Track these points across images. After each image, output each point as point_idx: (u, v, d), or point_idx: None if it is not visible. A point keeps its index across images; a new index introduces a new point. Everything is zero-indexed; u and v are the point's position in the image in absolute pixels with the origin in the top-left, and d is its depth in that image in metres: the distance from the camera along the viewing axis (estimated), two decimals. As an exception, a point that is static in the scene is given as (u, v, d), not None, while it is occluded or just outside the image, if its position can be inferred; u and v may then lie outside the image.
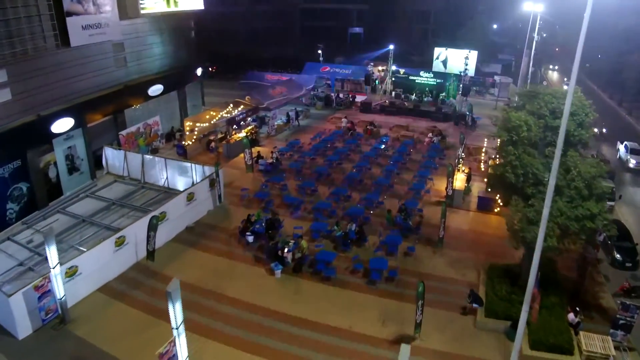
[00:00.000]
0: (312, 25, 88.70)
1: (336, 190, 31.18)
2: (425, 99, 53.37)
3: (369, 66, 54.34)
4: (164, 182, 32.16)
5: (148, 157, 33.12)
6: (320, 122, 48.29)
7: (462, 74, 52.84)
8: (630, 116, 56.53)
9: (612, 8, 56.49)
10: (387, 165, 35.78)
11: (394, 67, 55.20)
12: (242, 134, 40.60)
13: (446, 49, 59.10)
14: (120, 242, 23.80)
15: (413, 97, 53.98)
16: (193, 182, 30.71)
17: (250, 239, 26.14)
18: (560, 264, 23.29)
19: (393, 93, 55.23)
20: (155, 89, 38.67)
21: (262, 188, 32.20)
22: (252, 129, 41.83)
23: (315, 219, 28.29)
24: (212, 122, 39.91)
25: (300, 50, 72.68)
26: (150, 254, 23.83)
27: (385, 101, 53.29)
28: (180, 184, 31.61)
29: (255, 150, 37.42)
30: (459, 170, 30.99)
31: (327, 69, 58.78)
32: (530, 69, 59.57)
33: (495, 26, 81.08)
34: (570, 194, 19.23)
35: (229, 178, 33.91)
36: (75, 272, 21.67)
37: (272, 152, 36.79)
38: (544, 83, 60.02)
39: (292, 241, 24.77)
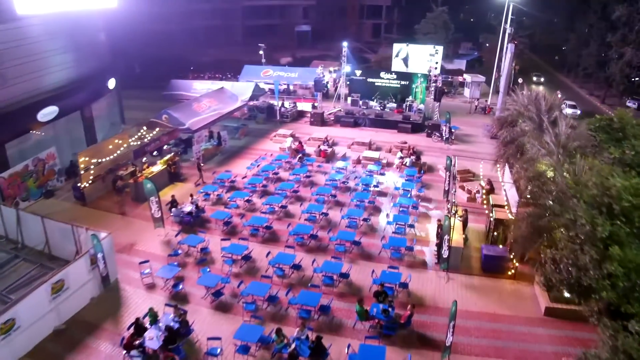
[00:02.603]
0: (256, 24, 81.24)
1: (278, 257, 21.11)
2: (388, 106, 44.01)
3: (319, 68, 44.55)
4: (45, 247, 22.52)
5: (23, 212, 23.32)
6: (261, 141, 38.24)
7: (431, 73, 43.76)
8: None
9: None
10: (349, 207, 26.08)
11: (348, 68, 45.54)
12: (158, 166, 30.23)
13: (407, 45, 50.64)
14: None
15: (374, 103, 44.55)
16: (77, 250, 21.26)
17: (138, 361, 16.01)
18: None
19: (349, 99, 45.59)
20: (48, 112, 28.85)
21: (172, 255, 22.02)
22: (170, 158, 31.35)
23: (247, 313, 18.33)
24: (115, 154, 29.35)
25: (243, 52, 63.81)
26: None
27: (340, 110, 43.72)
28: (65, 249, 22.01)
29: (165, 194, 27.21)
30: (454, 215, 21.44)
31: (268, 73, 48.67)
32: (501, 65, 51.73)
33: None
34: None
35: (131, 237, 24.15)
36: None
37: (191, 196, 26.53)
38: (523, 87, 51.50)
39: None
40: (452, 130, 37.86)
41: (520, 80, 47.76)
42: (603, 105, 52.66)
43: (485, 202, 26.23)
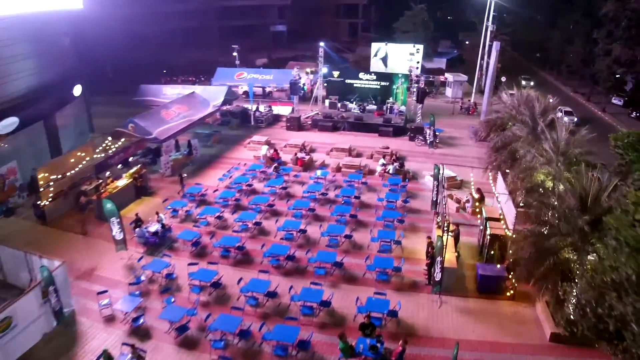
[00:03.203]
0: (232, 25, 78.86)
1: (251, 284, 18.77)
2: (368, 108, 41.99)
3: (295, 68, 42.25)
4: (-1, 275, 20.23)
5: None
6: (235, 148, 35.88)
7: (412, 73, 41.91)
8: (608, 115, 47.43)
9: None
10: (329, 223, 23.89)
11: (325, 69, 43.45)
12: (123, 180, 27.76)
13: (386, 44, 48.94)
14: None
15: (353, 105, 42.49)
16: (32, 279, 19.01)
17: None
18: None
19: (327, 102, 43.49)
20: (7, 124, 26.38)
21: (133, 284, 19.63)
22: (136, 171, 28.79)
23: (215, 351, 16.06)
24: (77, 168, 26.79)
25: (219, 53, 61.81)
26: None
27: (318, 113, 41.57)
28: (20, 276, 19.81)
29: (131, 210, 24.78)
30: (446, 231, 19.27)
31: (242, 75, 46.32)
32: (485, 63, 50.12)
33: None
34: None
35: (92, 261, 21.73)
36: None
37: (156, 214, 24.08)
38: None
39: None
40: (436, 133, 35.89)
41: (503, 79, 46.10)
42: (589, 103, 51.34)
43: (476, 212, 24.27)
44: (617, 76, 46.43)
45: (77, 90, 34.25)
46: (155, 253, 22.14)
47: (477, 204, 24.49)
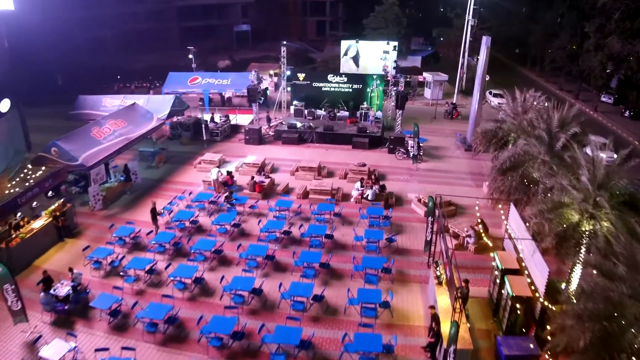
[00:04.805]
0: (193, 26, 73.47)
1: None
2: (339, 115, 36.65)
3: (253, 71, 36.53)
4: None
5: None
6: (184, 169, 30.03)
7: (388, 73, 36.75)
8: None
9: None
10: (293, 277, 18.36)
11: (288, 72, 37.93)
12: (41, 220, 21.89)
13: (357, 42, 43.88)
14: None
15: (322, 112, 37.11)
16: None
17: None
18: None
19: (292, 108, 38.05)
20: None
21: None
22: (57, 208, 22.65)
23: None
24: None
25: (180, 56, 56.40)
26: None
27: (282, 122, 36.11)
28: None
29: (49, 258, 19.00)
30: (456, 294, 13.83)
31: (197, 80, 40.56)
32: (466, 61, 45.70)
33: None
34: None
35: None
36: None
37: (70, 270, 18.24)
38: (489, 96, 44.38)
39: None
40: (420, 144, 30.60)
41: (487, 78, 41.36)
42: (578, 102, 46.89)
43: (483, 249, 19.13)
44: (607, 72, 42.14)
45: (5, 105, 29.09)
46: (66, 324, 16.57)
47: (480, 240, 19.36)
